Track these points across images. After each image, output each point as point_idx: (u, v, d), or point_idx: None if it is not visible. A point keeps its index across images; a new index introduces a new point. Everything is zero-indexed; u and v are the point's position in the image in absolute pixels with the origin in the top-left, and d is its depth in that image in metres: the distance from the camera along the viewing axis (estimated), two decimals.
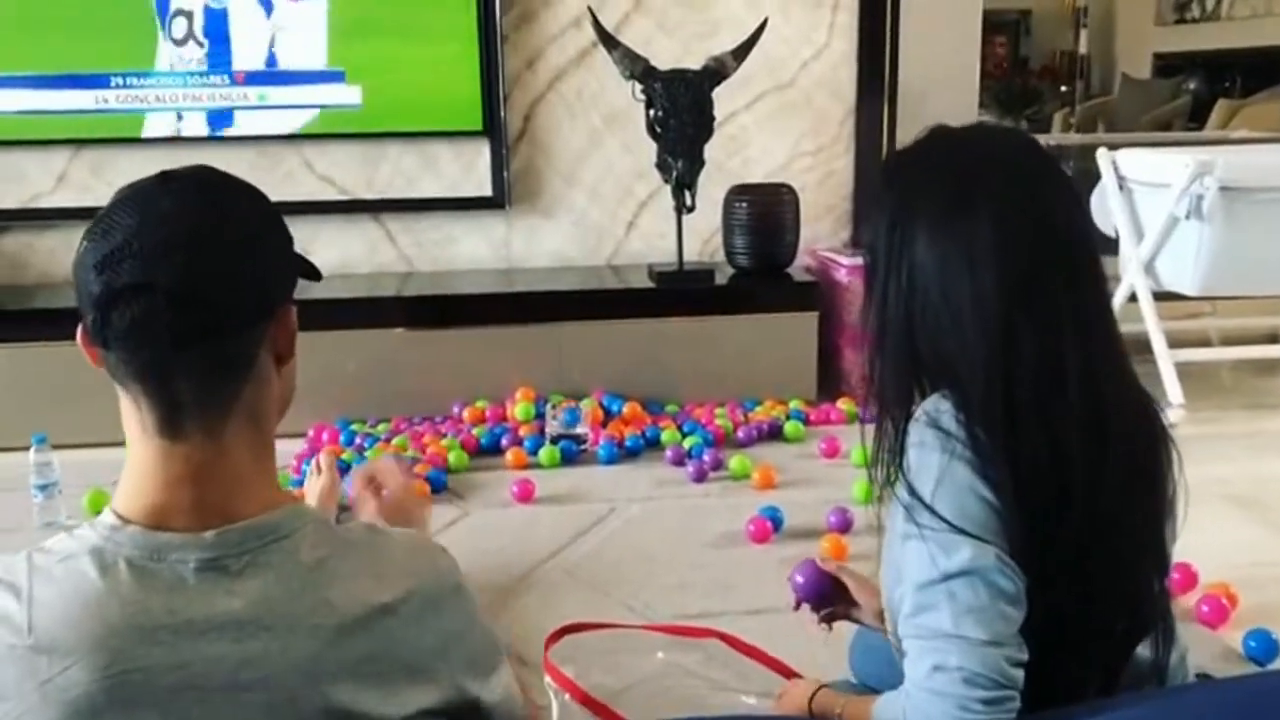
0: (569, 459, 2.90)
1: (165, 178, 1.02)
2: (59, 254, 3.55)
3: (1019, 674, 1.01)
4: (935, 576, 1.02)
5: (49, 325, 3.12)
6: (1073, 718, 1.00)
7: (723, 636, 1.86)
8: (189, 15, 3.39)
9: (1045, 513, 1.05)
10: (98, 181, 3.51)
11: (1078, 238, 1.13)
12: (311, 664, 0.94)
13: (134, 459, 1.03)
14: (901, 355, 1.13)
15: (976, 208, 1.08)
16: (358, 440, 3.02)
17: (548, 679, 1.71)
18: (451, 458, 2.86)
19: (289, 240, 1.09)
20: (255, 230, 1.03)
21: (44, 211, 3.51)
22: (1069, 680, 1.10)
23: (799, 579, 1.49)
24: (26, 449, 2.57)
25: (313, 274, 1.15)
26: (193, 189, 1.02)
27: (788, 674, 1.71)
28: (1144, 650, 1.16)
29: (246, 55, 3.44)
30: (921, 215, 1.11)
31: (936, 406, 1.09)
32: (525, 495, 2.65)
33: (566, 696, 1.67)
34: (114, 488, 2.74)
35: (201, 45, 3.42)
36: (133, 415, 1.03)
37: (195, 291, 0.96)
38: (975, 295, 1.07)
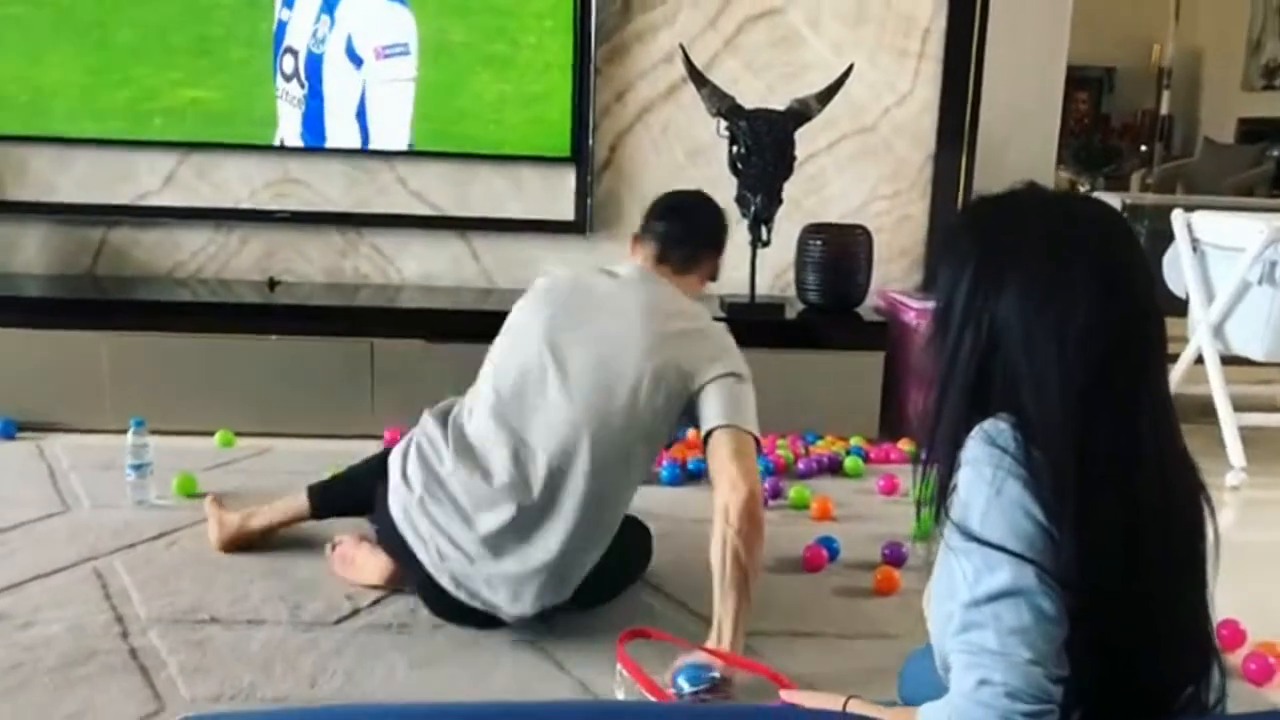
0: None
1: (679, 193, 2.54)
2: (162, 248, 3.74)
3: (1058, 690, 1.07)
4: (981, 596, 1.09)
5: (149, 316, 3.31)
6: None
7: (772, 676, 1.90)
8: (295, 54, 3.60)
9: (1102, 555, 1.10)
10: (202, 183, 3.69)
11: (1156, 312, 1.18)
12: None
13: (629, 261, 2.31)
14: (967, 395, 1.18)
15: (1073, 283, 1.12)
16: None
17: (619, 668, 1.80)
18: None
19: (721, 229, 2.40)
20: (717, 215, 2.40)
21: (150, 209, 3.70)
22: (1117, 715, 1.15)
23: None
24: (124, 432, 2.71)
25: (713, 277, 2.42)
26: (704, 195, 2.46)
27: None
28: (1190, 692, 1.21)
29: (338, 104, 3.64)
30: (1012, 275, 1.15)
31: (995, 426, 1.14)
32: None
33: (637, 685, 1.75)
34: (201, 473, 2.93)
35: (303, 85, 3.61)
36: (641, 258, 2.29)
37: (685, 224, 2.33)
38: (1061, 369, 1.11)
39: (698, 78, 3.39)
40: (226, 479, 2.88)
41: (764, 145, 3.32)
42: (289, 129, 3.61)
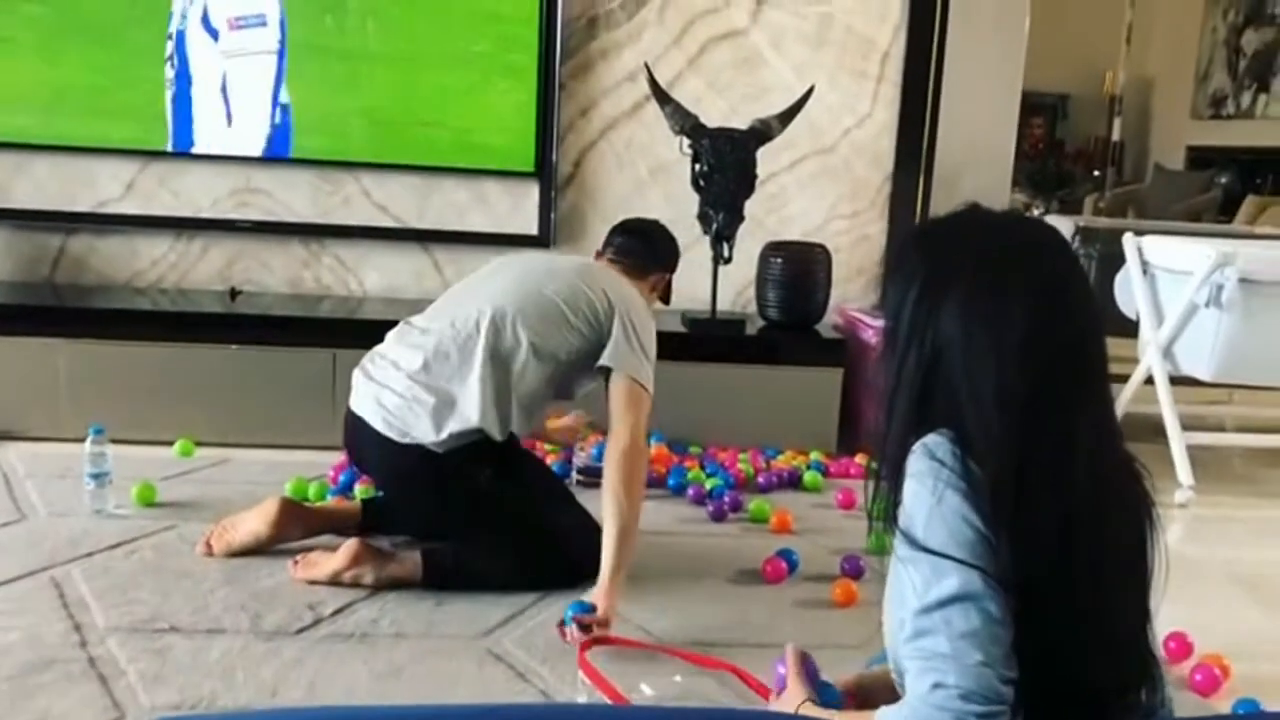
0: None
1: (640, 218, 2.87)
2: (120, 258, 3.71)
3: (1009, 690, 1.11)
4: (932, 602, 1.13)
5: (108, 324, 3.29)
6: None
7: (738, 672, 1.94)
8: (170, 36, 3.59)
9: (1039, 560, 1.14)
10: (163, 191, 3.68)
11: (1095, 334, 1.22)
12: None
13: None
14: (912, 409, 1.22)
15: (1010, 298, 1.17)
16: None
17: (581, 675, 1.81)
18: None
19: (674, 252, 2.74)
20: (664, 236, 2.75)
21: (110, 217, 3.67)
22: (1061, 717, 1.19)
23: (781, 670, 1.53)
24: (82, 440, 2.69)
25: (665, 299, 2.75)
26: (654, 221, 2.81)
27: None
28: (1132, 697, 1.25)
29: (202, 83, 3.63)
30: (953, 292, 1.19)
31: (935, 440, 1.18)
32: None
33: (598, 692, 1.77)
34: (161, 482, 2.91)
35: (174, 66, 3.60)
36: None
37: (639, 241, 2.66)
38: (998, 380, 1.16)
39: (661, 96, 3.43)
40: (185, 488, 2.87)
41: (726, 164, 3.37)
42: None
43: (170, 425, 3.21)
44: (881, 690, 1.38)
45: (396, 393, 2.30)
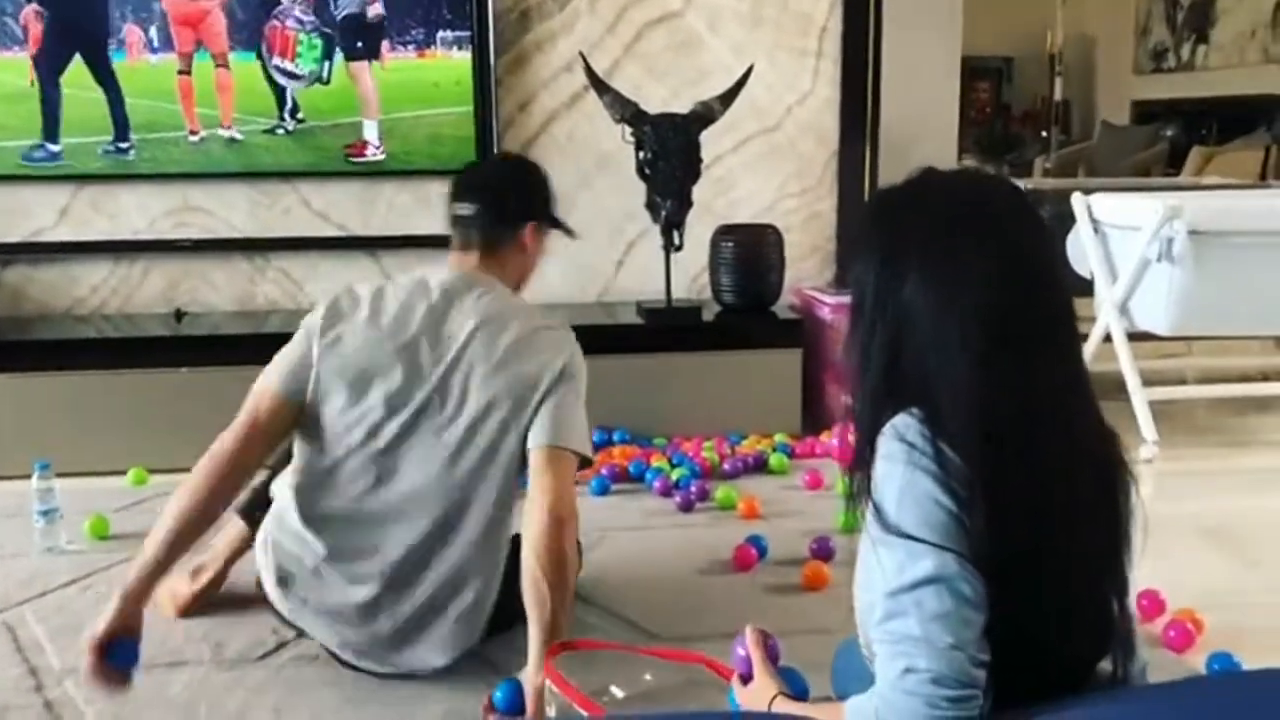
0: None
1: (488, 155, 3.01)
2: (59, 286, 3.63)
3: (981, 674, 1.08)
4: (904, 584, 1.10)
5: (49, 355, 3.22)
6: (1035, 716, 1.06)
7: (709, 663, 1.91)
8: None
9: (1013, 532, 1.12)
10: (98, 215, 3.59)
11: (1058, 283, 1.21)
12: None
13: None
14: (881, 386, 1.19)
15: (966, 253, 1.15)
16: None
17: (548, 683, 1.77)
18: None
19: (541, 191, 2.14)
20: (518, 176, 2.17)
21: (46, 245, 3.58)
22: (1032, 692, 1.17)
23: (741, 651, 1.50)
24: (29, 477, 2.62)
25: (569, 232, 2.19)
26: (502, 157, 2.79)
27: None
28: (1106, 665, 1.23)
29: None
30: (912, 256, 1.17)
31: (904, 421, 1.16)
32: None
33: (569, 702, 1.73)
34: (114, 514, 2.79)
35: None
36: (452, 249, 2.09)
37: (487, 193, 2.08)
38: (962, 334, 1.13)
39: (599, 85, 3.39)
40: (140, 519, 2.79)
41: (670, 150, 3.33)
42: None
43: (121, 454, 3.14)
44: None
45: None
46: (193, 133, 3.53)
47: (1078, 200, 3.62)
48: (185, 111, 3.53)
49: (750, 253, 3.57)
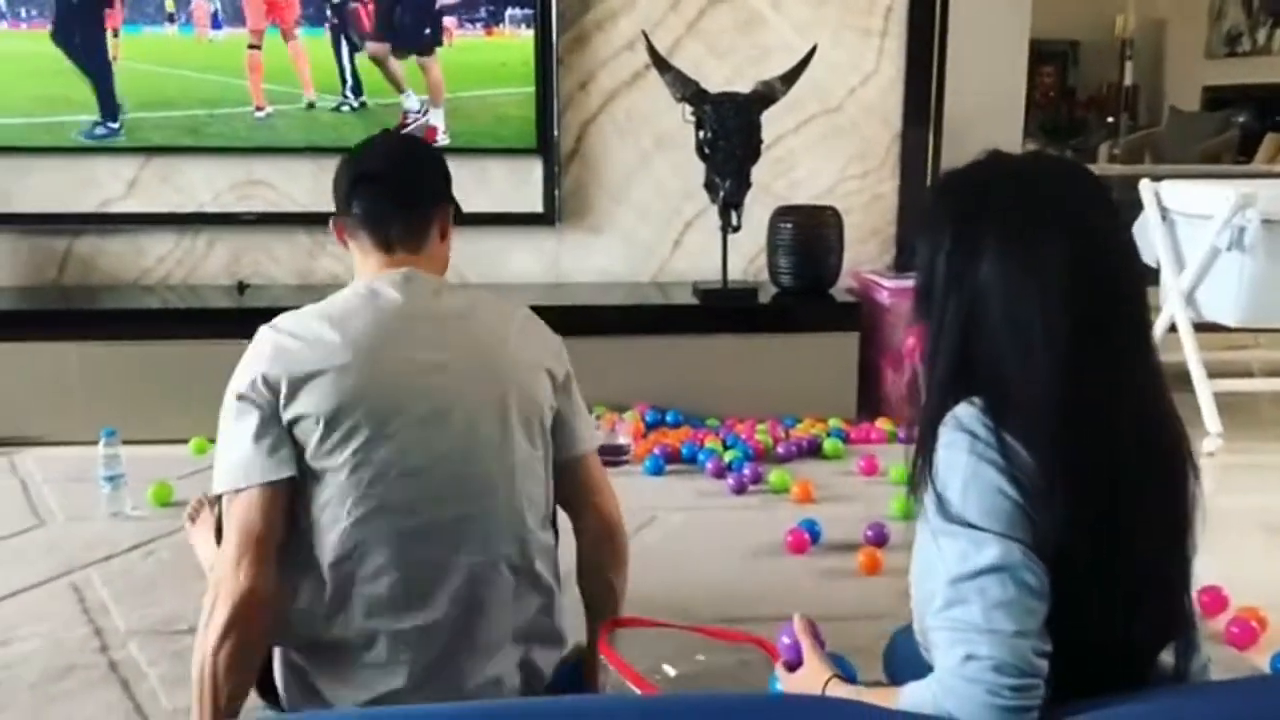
0: None
1: (385, 131, 2.13)
2: (127, 257, 3.69)
3: (1044, 664, 1.07)
4: (967, 572, 1.09)
5: (117, 325, 3.27)
6: (1095, 708, 1.05)
7: (762, 644, 1.91)
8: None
9: (1080, 521, 1.11)
10: (165, 187, 3.65)
11: (1135, 271, 1.19)
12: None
13: (359, 275, 1.66)
14: (951, 369, 1.18)
15: (1050, 240, 1.13)
16: None
17: (603, 659, 1.78)
18: None
19: (449, 174, 1.76)
20: (431, 154, 1.78)
21: (115, 216, 3.65)
22: (1092, 683, 1.15)
23: (786, 640, 1.50)
24: (95, 443, 2.68)
25: (460, 214, 1.78)
26: (400, 135, 2.24)
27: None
28: (1168, 657, 1.22)
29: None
30: (989, 240, 1.15)
31: (966, 411, 1.14)
32: None
33: (623, 679, 1.74)
34: (177, 481, 2.82)
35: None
36: (360, 255, 1.66)
37: (405, 174, 1.67)
38: (1045, 323, 1.11)
39: (661, 63, 3.37)
40: (201, 487, 2.85)
41: (730, 129, 3.31)
42: None
43: (184, 423, 3.19)
44: None
45: None
46: (259, 108, 3.58)
47: (1146, 187, 3.55)
48: (252, 86, 3.57)
49: (809, 235, 3.54)
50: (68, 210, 3.62)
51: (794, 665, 1.46)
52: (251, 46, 3.56)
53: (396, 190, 1.66)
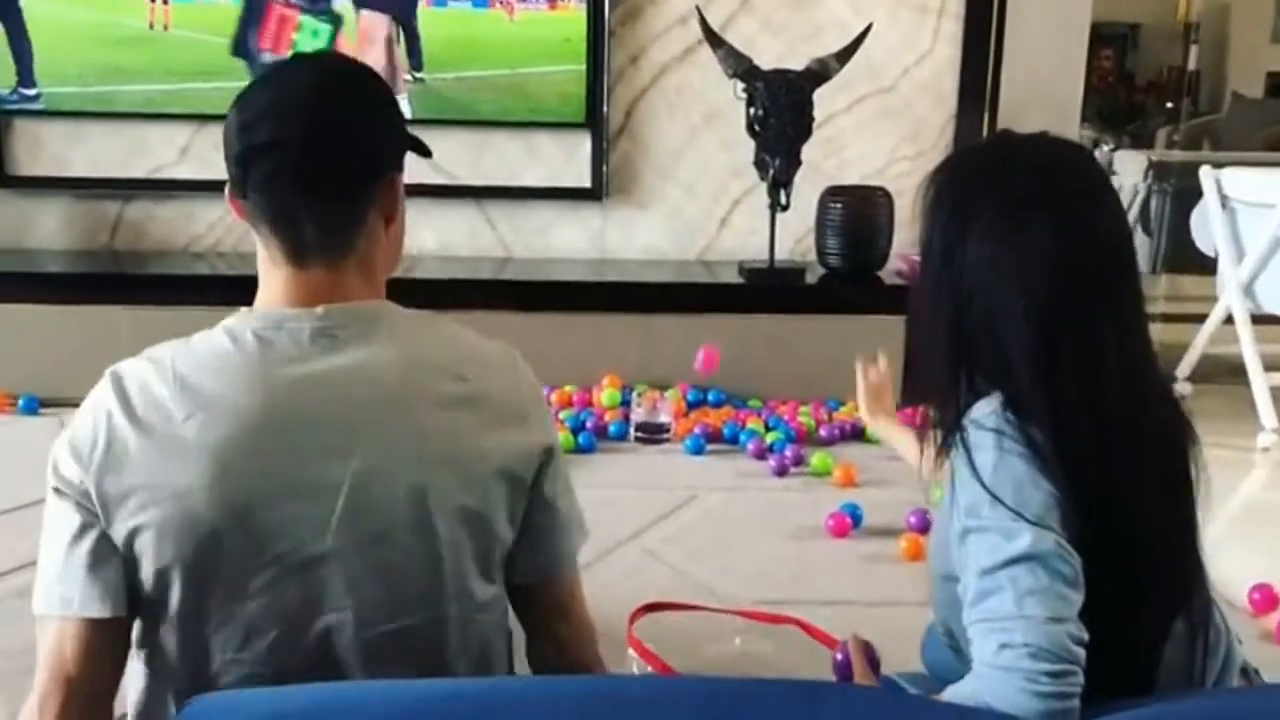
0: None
1: (297, 57, 1.26)
2: (178, 223, 3.73)
3: (1081, 651, 1.05)
4: (998, 562, 1.07)
5: (167, 290, 3.30)
6: (1145, 704, 1.03)
7: (801, 624, 1.90)
8: None
9: (1090, 506, 1.11)
10: (217, 155, 3.66)
11: (1124, 253, 1.20)
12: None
13: (264, 288, 1.18)
14: (949, 344, 1.20)
15: (1034, 217, 1.15)
16: None
17: (631, 651, 1.77)
18: None
19: (399, 115, 1.22)
20: (368, 99, 1.18)
21: (166, 182, 3.68)
22: (1107, 675, 1.13)
23: (840, 657, 1.51)
24: None
25: (422, 150, 1.25)
26: (319, 64, 1.26)
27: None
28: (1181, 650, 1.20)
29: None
30: (979, 216, 1.18)
31: (985, 410, 1.16)
32: None
33: (649, 669, 1.73)
34: None
35: None
36: (264, 253, 1.17)
37: (316, 145, 1.10)
38: (1025, 300, 1.14)
39: (714, 39, 3.33)
40: None
41: (782, 107, 3.27)
42: None
43: None
44: None
45: None
46: None
47: (1206, 174, 3.47)
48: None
49: (858, 215, 3.49)
50: (120, 175, 3.66)
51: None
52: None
53: (312, 170, 1.10)
